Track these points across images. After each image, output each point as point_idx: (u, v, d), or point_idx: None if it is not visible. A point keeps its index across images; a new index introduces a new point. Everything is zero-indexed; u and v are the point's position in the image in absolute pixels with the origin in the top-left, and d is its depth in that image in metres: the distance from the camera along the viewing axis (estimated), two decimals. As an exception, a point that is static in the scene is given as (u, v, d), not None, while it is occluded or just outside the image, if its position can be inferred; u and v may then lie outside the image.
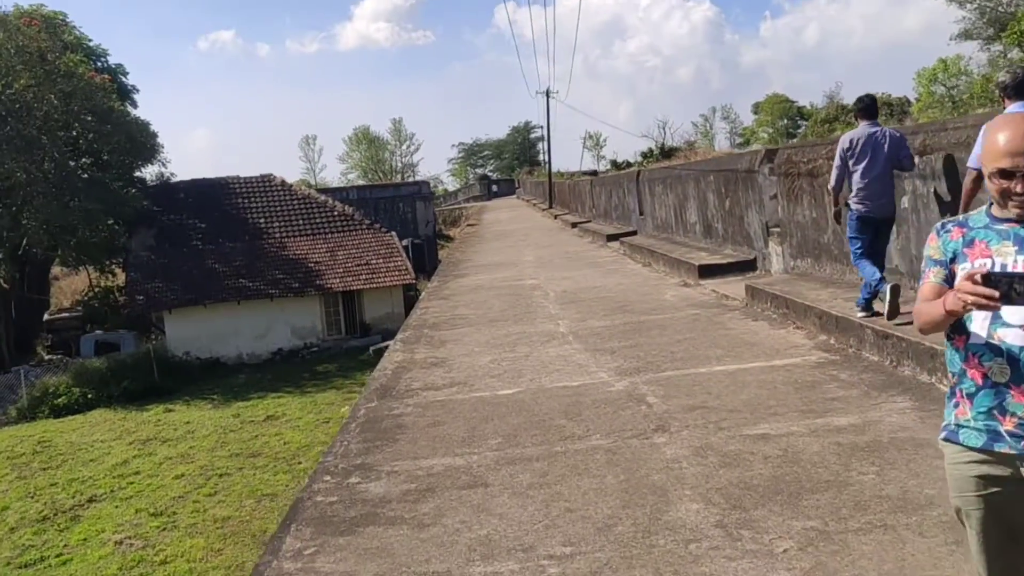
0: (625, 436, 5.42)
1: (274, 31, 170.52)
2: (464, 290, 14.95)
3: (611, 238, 21.49)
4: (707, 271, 12.29)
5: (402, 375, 8.11)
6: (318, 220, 32.47)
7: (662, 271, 14.50)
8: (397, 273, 30.54)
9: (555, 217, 38.47)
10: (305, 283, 29.94)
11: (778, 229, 11.03)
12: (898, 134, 7.31)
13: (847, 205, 7.42)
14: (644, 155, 49.16)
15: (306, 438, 19.37)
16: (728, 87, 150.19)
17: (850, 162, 7.24)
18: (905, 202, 7.77)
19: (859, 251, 7.34)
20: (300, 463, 17.62)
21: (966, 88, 58.15)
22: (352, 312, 30.49)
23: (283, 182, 34.29)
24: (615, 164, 52.72)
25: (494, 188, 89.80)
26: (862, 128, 7.29)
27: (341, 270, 30.41)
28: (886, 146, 7.11)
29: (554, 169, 54.65)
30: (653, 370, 7.20)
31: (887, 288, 6.73)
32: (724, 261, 12.47)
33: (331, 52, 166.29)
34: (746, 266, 12.08)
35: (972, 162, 5.57)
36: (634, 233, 21.26)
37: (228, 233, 31.52)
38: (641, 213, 20.93)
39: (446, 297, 14.22)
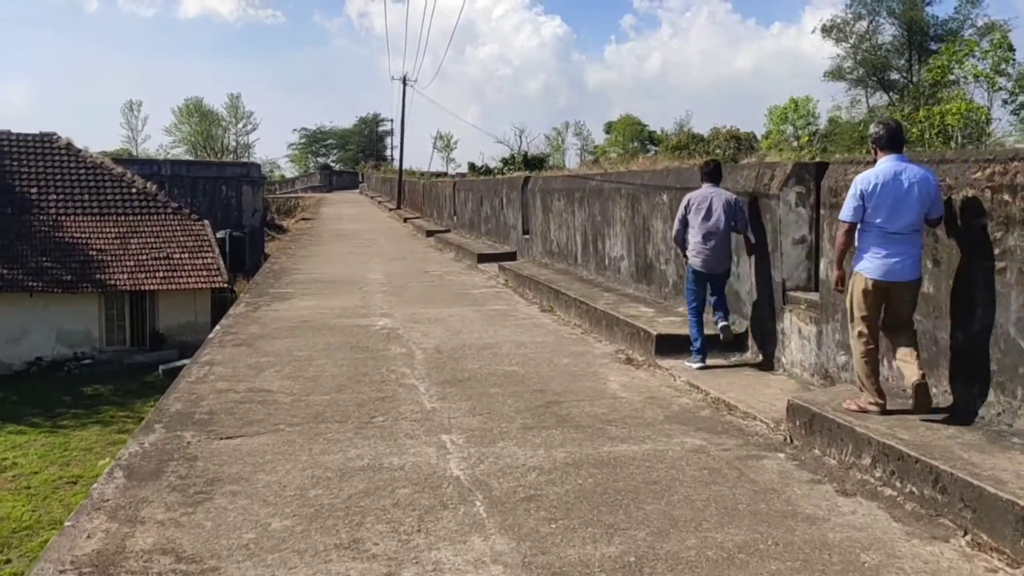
0: None
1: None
2: (280, 330, 9.82)
3: (484, 258, 16.88)
4: (668, 344, 7.85)
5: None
6: (110, 197, 25.86)
7: (576, 324, 9.99)
8: (206, 272, 24.51)
9: (405, 220, 33.48)
10: (81, 276, 23.38)
11: (812, 297, 6.71)
12: (734, 198, 7.55)
13: (685, 258, 7.78)
14: (505, 161, 44.83)
15: (32, 512, 13.48)
16: (573, 105, 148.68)
17: (689, 218, 7.59)
18: None
19: (693, 305, 7.65)
20: (9, 561, 11.83)
21: (807, 131, 58.22)
22: (142, 318, 24.15)
23: (69, 144, 27.31)
24: (473, 168, 47.96)
25: (337, 179, 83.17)
26: (705, 189, 7.63)
27: (132, 263, 24.04)
28: (723, 206, 7.45)
29: (404, 166, 49.27)
30: None
31: (720, 327, 7.52)
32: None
33: (169, 18, 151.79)
34: (732, 345, 7.72)
35: (845, 215, 5.22)
36: (514, 256, 16.74)
37: (-16, 202, 24.48)
38: (526, 232, 16.42)
39: (249, 343, 9.06)
